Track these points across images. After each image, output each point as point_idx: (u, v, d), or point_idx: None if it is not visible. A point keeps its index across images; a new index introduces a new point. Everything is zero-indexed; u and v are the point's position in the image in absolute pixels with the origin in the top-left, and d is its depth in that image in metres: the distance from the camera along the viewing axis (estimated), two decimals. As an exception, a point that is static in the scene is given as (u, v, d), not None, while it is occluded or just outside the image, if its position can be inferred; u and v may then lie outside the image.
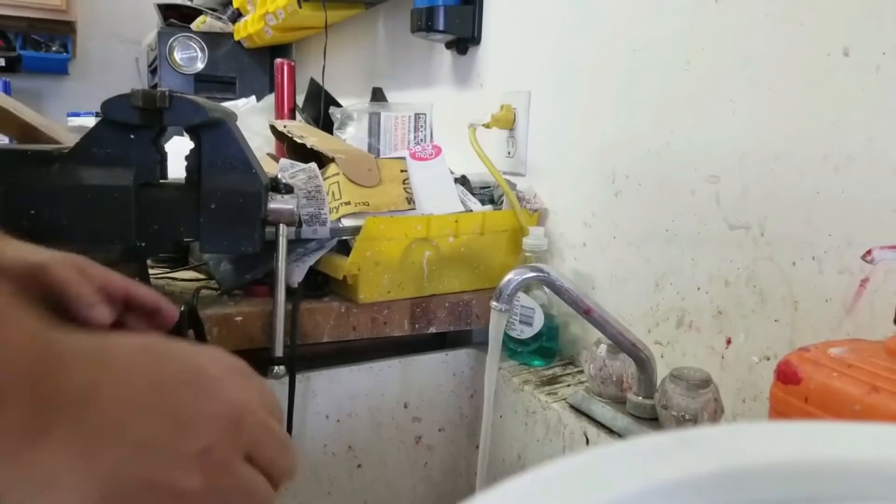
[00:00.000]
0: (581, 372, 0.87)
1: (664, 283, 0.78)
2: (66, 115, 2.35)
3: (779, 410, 0.46)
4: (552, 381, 0.85)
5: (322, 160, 0.93)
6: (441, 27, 1.15)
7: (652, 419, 0.68)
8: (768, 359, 0.66)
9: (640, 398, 0.69)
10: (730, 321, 0.70)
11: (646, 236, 0.81)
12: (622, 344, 0.68)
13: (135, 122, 0.70)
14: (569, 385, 0.83)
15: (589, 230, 0.90)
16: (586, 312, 0.66)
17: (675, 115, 0.77)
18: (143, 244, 0.73)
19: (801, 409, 0.44)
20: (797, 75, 0.64)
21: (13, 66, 2.66)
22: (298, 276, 0.84)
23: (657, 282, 0.79)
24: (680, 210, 0.76)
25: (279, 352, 0.77)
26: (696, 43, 0.74)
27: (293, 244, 0.83)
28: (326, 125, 1.22)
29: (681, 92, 0.76)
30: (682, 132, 0.76)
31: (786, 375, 0.45)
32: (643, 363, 0.68)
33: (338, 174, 0.89)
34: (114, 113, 0.69)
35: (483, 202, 0.98)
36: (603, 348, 0.73)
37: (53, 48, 2.75)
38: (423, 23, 1.15)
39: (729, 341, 0.70)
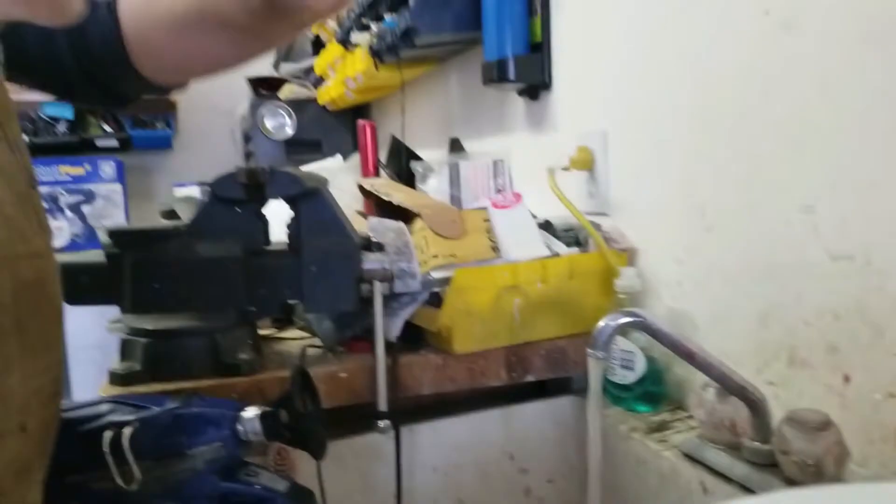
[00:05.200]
0: (691, 417, 0.84)
1: (769, 320, 0.76)
2: (172, 186, 2.53)
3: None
4: (661, 427, 0.82)
5: (408, 215, 0.96)
6: (512, 77, 1.18)
7: (771, 465, 0.64)
8: (893, 396, 0.62)
9: (757, 444, 0.66)
10: (845, 357, 0.67)
11: (744, 271, 0.79)
12: (730, 387, 0.65)
13: (240, 196, 0.75)
14: (679, 431, 0.81)
15: (683, 267, 0.88)
16: (688, 356, 0.64)
17: (758, 145, 0.76)
18: (254, 308, 0.78)
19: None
20: (882, 97, 0.61)
21: (125, 146, 2.90)
22: (395, 330, 0.86)
23: (761, 318, 0.77)
24: (776, 242, 0.74)
25: (383, 406, 0.79)
26: (770, 72, 0.73)
27: (388, 299, 0.86)
28: (409, 179, 1.26)
29: (761, 121, 0.75)
30: (768, 162, 0.75)
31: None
32: (756, 406, 0.66)
33: (424, 228, 0.91)
34: (222, 190, 0.75)
35: (569, 245, 0.98)
36: (711, 392, 0.71)
37: (158, 126, 2.98)
38: (495, 74, 1.18)
39: (847, 378, 0.67)
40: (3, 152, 0.49)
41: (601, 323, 0.64)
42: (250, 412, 0.59)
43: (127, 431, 0.53)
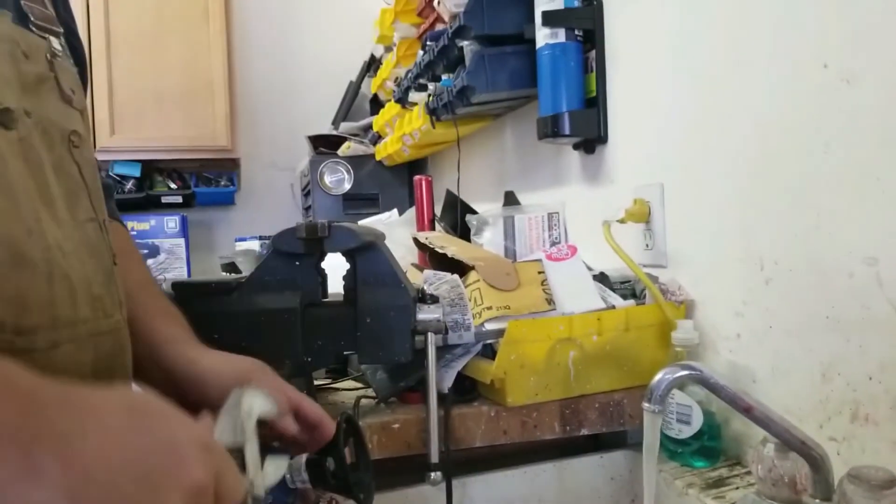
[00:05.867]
0: (749, 472, 0.82)
1: (832, 374, 0.73)
2: (234, 241, 2.62)
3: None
4: (718, 483, 0.80)
5: (463, 267, 0.98)
6: (567, 132, 1.19)
7: (834, 524, 0.62)
8: (963, 454, 0.59)
9: (818, 501, 0.63)
10: (912, 413, 0.64)
11: (805, 324, 0.77)
12: (790, 442, 0.63)
13: (300, 251, 0.78)
14: (737, 487, 0.78)
15: (742, 320, 0.87)
16: (747, 410, 0.63)
17: (819, 197, 0.75)
18: (310, 359, 0.80)
19: None
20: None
21: (189, 202, 3.03)
22: (448, 381, 0.87)
23: (824, 372, 0.74)
24: (839, 295, 0.72)
25: (435, 458, 0.79)
26: (831, 124, 0.73)
27: (441, 351, 0.87)
28: (464, 232, 1.28)
29: (822, 173, 0.74)
30: (829, 214, 0.74)
31: None
32: (816, 462, 0.63)
33: (478, 280, 0.93)
34: (282, 244, 0.79)
35: (625, 297, 0.98)
36: (770, 447, 0.69)
37: (222, 182, 3.11)
38: (549, 129, 1.20)
39: (913, 435, 0.64)
40: (95, 232, 0.53)
41: (658, 376, 0.63)
42: (298, 460, 0.59)
43: None
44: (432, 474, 0.78)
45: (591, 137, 1.21)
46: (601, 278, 1.00)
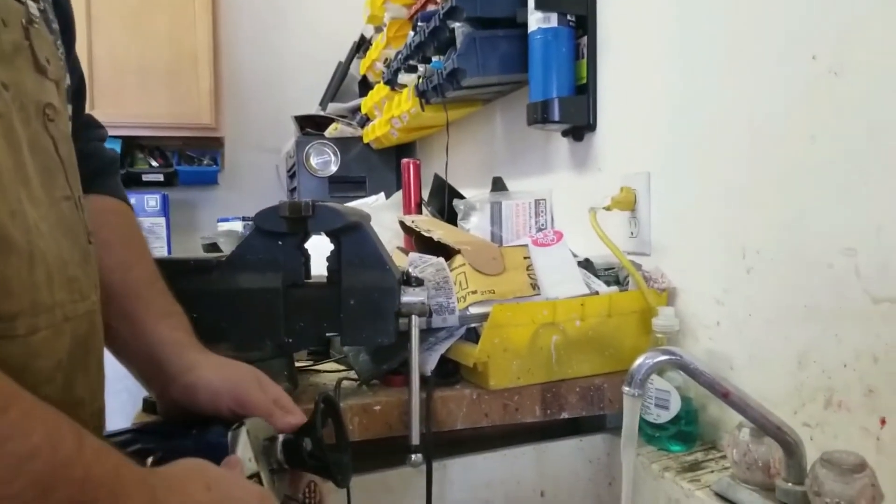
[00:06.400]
0: (724, 457, 0.83)
1: (807, 362, 0.75)
2: (217, 221, 2.60)
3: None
4: (694, 467, 0.81)
5: (448, 251, 0.98)
6: (556, 118, 1.19)
7: (806, 508, 0.63)
8: (933, 441, 0.61)
9: (790, 485, 0.65)
10: (883, 400, 0.66)
11: (784, 313, 0.78)
12: (766, 427, 0.65)
13: (283, 230, 0.77)
14: (712, 471, 0.80)
15: (722, 308, 0.88)
16: (724, 396, 0.64)
17: (803, 188, 0.75)
18: (291, 340, 0.79)
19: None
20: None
21: (171, 181, 2.99)
22: (431, 364, 0.87)
23: (800, 360, 0.76)
24: (818, 285, 0.73)
25: (416, 439, 0.79)
26: (818, 116, 0.73)
27: (425, 334, 0.87)
28: (451, 217, 1.28)
29: (807, 165, 0.75)
30: (812, 205, 0.74)
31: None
32: (790, 447, 0.65)
33: (464, 264, 0.93)
34: (264, 223, 0.78)
35: (608, 284, 0.99)
36: (746, 432, 0.70)
37: (205, 162, 3.07)
38: (539, 115, 1.20)
39: (884, 421, 0.65)
40: (71, 211, 0.51)
41: (638, 360, 0.64)
42: (275, 441, 0.59)
43: (149, 461, 0.51)
44: (413, 456, 0.79)
45: (581, 124, 1.21)
46: (586, 265, 1.00)
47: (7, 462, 0.35)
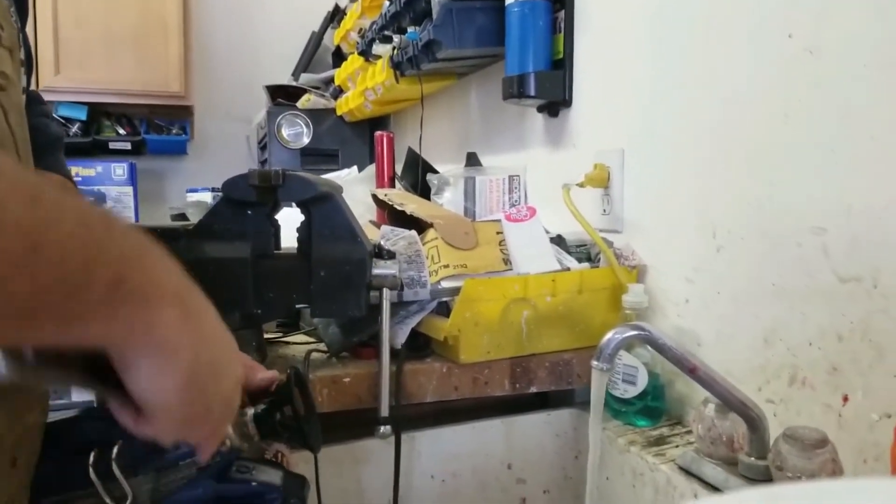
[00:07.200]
0: (689, 432, 0.84)
1: (774, 339, 0.76)
2: (186, 192, 2.55)
3: (906, 473, 0.44)
4: (659, 441, 0.83)
5: (421, 225, 0.97)
6: (532, 93, 1.18)
7: (766, 481, 0.65)
8: (889, 416, 0.62)
9: (753, 459, 0.66)
10: (846, 377, 0.67)
11: (752, 291, 0.79)
12: (731, 403, 0.66)
13: (252, 199, 0.76)
14: (677, 446, 0.81)
15: (691, 286, 0.89)
16: (691, 371, 0.65)
17: (774, 168, 0.76)
18: (260, 311, 0.78)
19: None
20: (903, 122, 0.62)
21: (138, 149, 2.91)
22: (402, 337, 0.87)
23: (766, 338, 0.77)
24: (786, 263, 0.74)
25: (385, 412, 0.79)
26: (792, 95, 0.74)
27: (396, 307, 0.86)
28: (424, 191, 1.27)
29: (779, 144, 0.75)
30: (783, 184, 0.75)
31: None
32: (754, 422, 0.66)
33: (436, 238, 0.92)
34: (233, 191, 0.76)
35: (580, 260, 0.99)
36: (711, 407, 0.71)
37: (173, 131, 3.00)
38: (515, 90, 1.19)
39: (846, 398, 0.67)
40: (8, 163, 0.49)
41: (607, 335, 0.65)
42: (245, 413, 0.58)
43: (114, 450, 0.51)
44: (381, 428, 0.79)
45: (556, 100, 1.21)
46: (558, 241, 1.00)
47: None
